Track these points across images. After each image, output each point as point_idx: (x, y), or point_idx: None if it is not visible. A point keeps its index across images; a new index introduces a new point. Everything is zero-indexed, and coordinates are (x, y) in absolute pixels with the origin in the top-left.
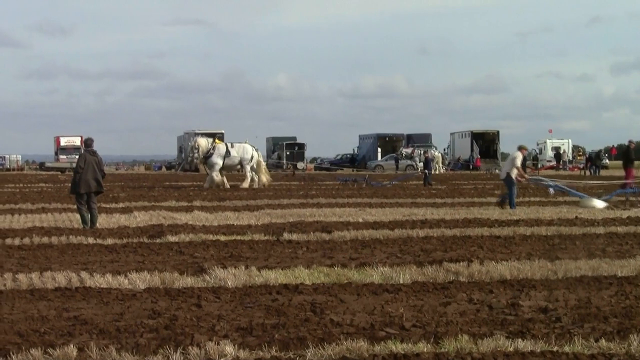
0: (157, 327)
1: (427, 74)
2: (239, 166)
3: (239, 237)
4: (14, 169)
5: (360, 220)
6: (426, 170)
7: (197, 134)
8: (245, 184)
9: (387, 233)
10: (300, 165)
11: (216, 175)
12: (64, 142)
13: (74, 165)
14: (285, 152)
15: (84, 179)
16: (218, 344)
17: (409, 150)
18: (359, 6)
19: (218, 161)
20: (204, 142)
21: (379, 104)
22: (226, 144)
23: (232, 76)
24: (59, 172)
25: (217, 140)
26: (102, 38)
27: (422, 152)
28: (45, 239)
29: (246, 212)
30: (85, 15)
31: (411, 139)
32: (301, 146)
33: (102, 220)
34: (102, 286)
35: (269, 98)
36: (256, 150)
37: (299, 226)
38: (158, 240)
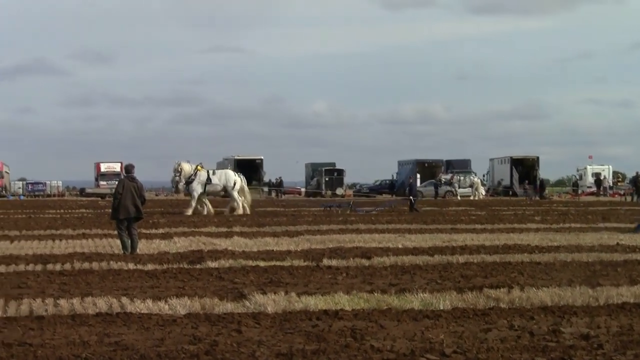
0: (198, 352)
1: (466, 99)
2: (222, 192)
3: (278, 263)
4: (54, 195)
5: (400, 246)
6: (411, 197)
7: (236, 160)
8: (240, 211)
9: (427, 259)
10: (339, 191)
11: (194, 202)
12: (104, 168)
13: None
14: (324, 178)
15: (123, 205)
16: None
17: (449, 176)
18: (396, 33)
19: (197, 188)
20: (187, 167)
21: (418, 130)
22: (208, 171)
23: (271, 102)
24: (99, 198)
25: (199, 167)
26: (142, 65)
27: (414, 177)
28: (86, 265)
29: (285, 238)
30: (125, 44)
31: (450, 165)
32: (340, 172)
33: (143, 246)
34: (142, 312)
35: (307, 124)
36: (239, 176)
37: (339, 252)
38: (198, 266)
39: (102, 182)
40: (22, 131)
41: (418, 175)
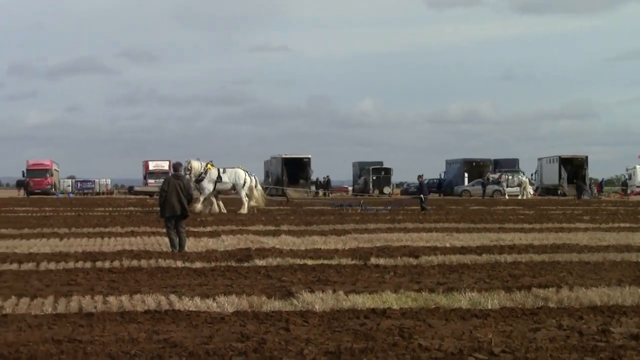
0: (246, 350)
1: (513, 99)
2: (233, 191)
3: (326, 262)
4: (103, 193)
5: (448, 245)
6: (421, 195)
7: (283, 158)
8: (243, 210)
9: (475, 258)
10: (386, 190)
11: (204, 199)
12: (152, 166)
13: None
14: (371, 176)
15: (169, 202)
16: None
17: (496, 175)
18: (443, 33)
19: (208, 186)
20: (196, 165)
21: (465, 130)
22: (218, 169)
23: (318, 102)
24: (148, 196)
25: (209, 165)
26: (189, 64)
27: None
28: (134, 262)
29: (333, 237)
30: (172, 42)
31: (498, 164)
32: (387, 171)
33: (191, 244)
34: (191, 309)
35: (354, 123)
36: (249, 175)
37: (386, 251)
38: (246, 264)
39: (150, 180)
40: (71, 129)
41: (466, 175)
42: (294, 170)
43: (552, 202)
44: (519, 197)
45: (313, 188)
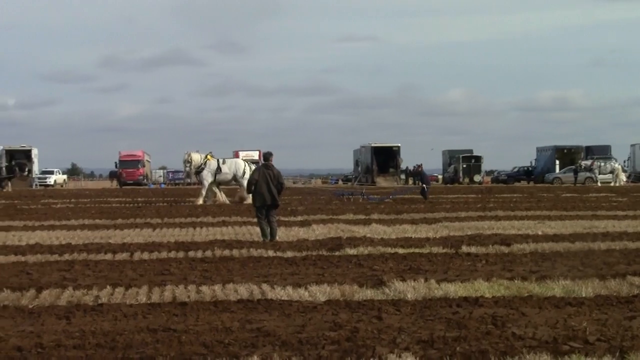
0: (339, 339)
1: (604, 86)
2: (233, 182)
3: (417, 250)
4: (195, 183)
5: (540, 232)
6: (423, 185)
7: (373, 147)
8: (250, 200)
9: (568, 246)
10: (477, 178)
11: (204, 191)
12: (242, 156)
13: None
14: (461, 165)
15: (259, 192)
16: (400, 356)
17: (589, 162)
18: (531, 19)
19: (208, 177)
20: (196, 157)
21: (555, 117)
22: (218, 160)
23: (406, 91)
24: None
25: (209, 157)
26: (277, 55)
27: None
28: (226, 252)
29: (424, 225)
30: (260, 34)
31: (590, 151)
32: (478, 159)
33: (282, 234)
34: (283, 298)
35: (443, 112)
36: (249, 165)
37: (478, 239)
38: (337, 253)
39: None
40: (162, 120)
41: (557, 162)
42: (384, 159)
43: None
44: (612, 184)
45: (402, 176)
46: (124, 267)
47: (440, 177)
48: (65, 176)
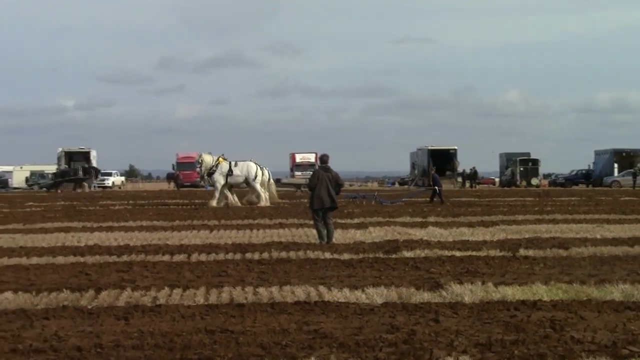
0: (396, 341)
1: None
2: (244, 184)
3: (474, 253)
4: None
5: (598, 236)
6: (436, 187)
7: (429, 150)
8: (262, 203)
9: (627, 250)
10: (534, 181)
11: (217, 193)
12: (299, 158)
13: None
14: (519, 168)
15: (317, 195)
16: (457, 359)
17: None
18: (588, 21)
19: (219, 179)
20: (208, 159)
21: (614, 119)
22: (230, 163)
23: (462, 92)
24: (295, 189)
25: (220, 159)
26: (333, 56)
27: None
28: (283, 254)
29: (481, 228)
30: (316, 35)
31: None
32: (535, 162)
33: (338, 236)
34: (340, 300)
35: (500, 114)
36: (261, 168)
37: (535, 242)
38: (394, 256)
39: (297, 173)
40: (218, 122)
41: (616, 165)
42: (440, 161)
43: None
44: None
45: (459, 179)
46: (182, 269)
47: (497, 180)
48: (123, 178)
